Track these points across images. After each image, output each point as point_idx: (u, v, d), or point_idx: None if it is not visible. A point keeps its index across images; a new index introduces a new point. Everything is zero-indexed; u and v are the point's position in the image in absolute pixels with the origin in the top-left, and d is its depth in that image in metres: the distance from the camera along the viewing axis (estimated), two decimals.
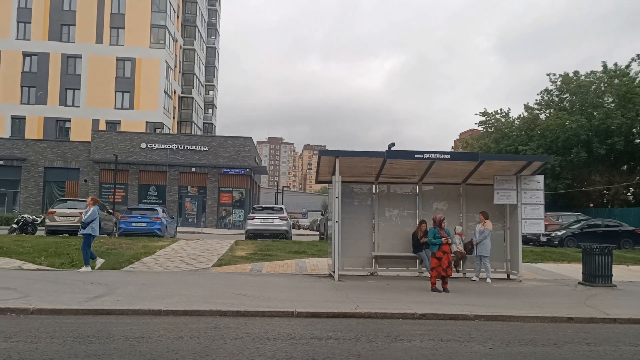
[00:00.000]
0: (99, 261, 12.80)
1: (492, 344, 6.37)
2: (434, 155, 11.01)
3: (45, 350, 5.46)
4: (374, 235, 12.53)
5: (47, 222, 20.91)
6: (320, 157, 11.78)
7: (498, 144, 39.09)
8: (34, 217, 22.78)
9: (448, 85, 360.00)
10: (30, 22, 47.99)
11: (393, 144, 14.01)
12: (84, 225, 11.88)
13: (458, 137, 73.18)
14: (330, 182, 12.29)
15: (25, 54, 47.82)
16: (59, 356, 5.26)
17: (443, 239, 10.06)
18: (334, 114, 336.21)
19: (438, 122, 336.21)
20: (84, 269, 11.75)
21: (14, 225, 21.63)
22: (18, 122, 47.61)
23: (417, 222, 12.19)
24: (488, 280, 11.78)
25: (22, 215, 23.28)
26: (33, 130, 47.15)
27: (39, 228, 22.03)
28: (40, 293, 8.60)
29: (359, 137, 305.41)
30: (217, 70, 73.56)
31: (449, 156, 11.37)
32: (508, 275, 12.62)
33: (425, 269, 12.08)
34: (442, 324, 7.51)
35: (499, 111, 41.59)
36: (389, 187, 12.88)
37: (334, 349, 5.87)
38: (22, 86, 47.73)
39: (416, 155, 11.04)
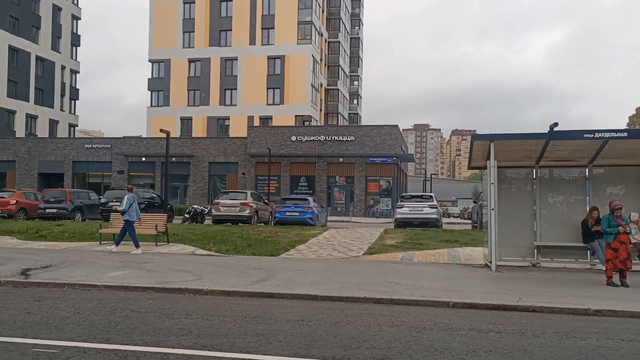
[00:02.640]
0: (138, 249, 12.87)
1: None
2: (607, 134, 9.76)
3: (219, 328, 5.98)
4: (536, 224, 11.57)
5: (213, 212, 23.03)
6: (473, 141, 11.17)
7: None
8: (202, 207, 25.36)
9: (621, 56, 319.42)
10: (193, 32, 53.38)
11: (555, 124, 12.74)
12: (122, 212, 12.94)
13: (634, 113, 64.65)
14: (484, 167, 11.65)
15: (190, 61, 53.33)
16: (232, 333, 5.72)
17: (620, 228, 8.93)
18: (487, 96, 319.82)
19: (609, 97, 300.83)
20: (135, 251, 12.71)
21: (186, 215, 24.30)
22: (186, 123, 53.37)
23: (587, 209, 11.01)
24: None
25: (193, 206, 26.00)
26: (198, 129, 52.51)
27: (206, 217, 24.45)
28: (211, 276, 9.47)
29: (513, 120, 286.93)
30: (362, 60, 74.36)
31: (625, 134, 9.99)
32: None
33: (598, 260, 10.86)
34: (622, 322, 6.68)
35: None
36: (551, 172, 11.79)
37: (496, 343, 5.53)
38: (188, 90, 53.42)
39: (585, 135, 9.90)
